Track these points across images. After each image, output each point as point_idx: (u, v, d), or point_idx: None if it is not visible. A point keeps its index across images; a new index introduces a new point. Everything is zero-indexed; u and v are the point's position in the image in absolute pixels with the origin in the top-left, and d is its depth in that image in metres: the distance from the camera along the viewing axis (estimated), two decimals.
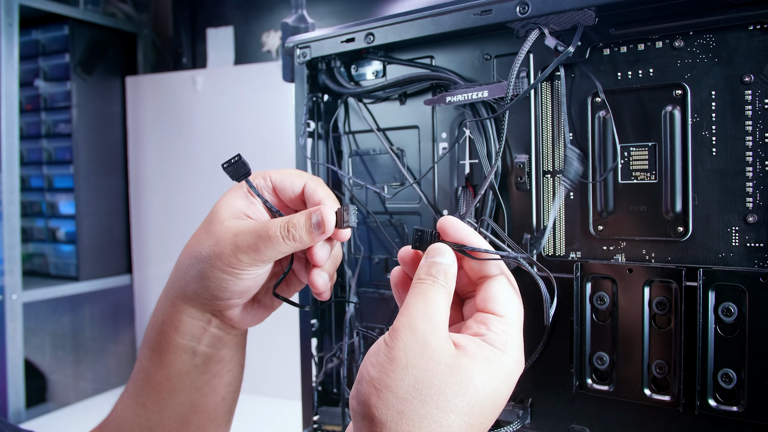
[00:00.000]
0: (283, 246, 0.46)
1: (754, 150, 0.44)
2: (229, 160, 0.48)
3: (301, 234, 0.46)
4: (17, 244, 1.53)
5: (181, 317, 0.50)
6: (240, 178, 0.49)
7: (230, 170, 0.49)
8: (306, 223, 0.46)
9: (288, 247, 0.46)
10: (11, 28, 1.49)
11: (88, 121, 1.77)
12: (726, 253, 0.45)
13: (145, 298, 1.87)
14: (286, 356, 1.43)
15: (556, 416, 0.53)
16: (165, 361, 0.51)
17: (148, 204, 1.84)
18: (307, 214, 0.47)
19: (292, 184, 0.51)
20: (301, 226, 0.46)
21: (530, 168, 0.53)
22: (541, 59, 0.52)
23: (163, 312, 0.52)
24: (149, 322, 0.53)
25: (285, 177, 0.51)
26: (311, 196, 0.50)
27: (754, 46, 0.43)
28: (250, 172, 0.49)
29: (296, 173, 0.52)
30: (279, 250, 0.46)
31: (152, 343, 0.52)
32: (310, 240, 0.46)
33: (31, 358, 1.96)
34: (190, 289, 0.49)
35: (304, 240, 0.46)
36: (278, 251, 0.46)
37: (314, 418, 0.66)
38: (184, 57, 1.88)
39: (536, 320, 0.54)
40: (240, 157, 0.48)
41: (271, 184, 0.51)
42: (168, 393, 0.52)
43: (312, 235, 0.46)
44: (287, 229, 0.46)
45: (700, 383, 0.45)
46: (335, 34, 0.61)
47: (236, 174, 0.49)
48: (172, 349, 0.51)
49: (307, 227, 0.46)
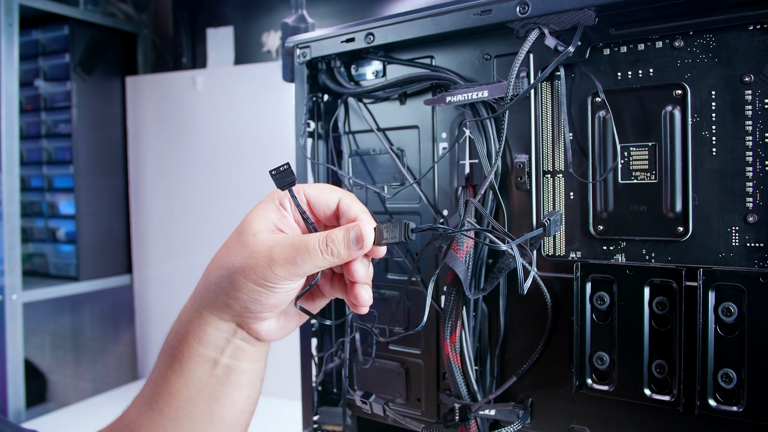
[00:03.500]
0: (321, 260, 0.46)
1: (754, 150, 0.44)
2: (278, 167, 0.48)
3: (339, 249, 0.46)
4: (17, 244, 1.53)
5: (206, 328, 0.50)
6: (285, 186, 0.48)
7: (278, 177, 0.48)
8: (345, 238, 0.46)
9: (326, 261, 0.46)
10: (11, 28, 1.49)
11: (88, 121, 1.77)
12: (726, 253, 0.45)
13: (145, 298, 1.87)
14: (286, 356, 1.42)
15: (556, 416, 0.53)
16: (185, 369, 0.51)
17: (148, 204, 1.84)
18: (345, 229, 0.47)
19: (327, 199, 0.51)
20: (340, 240, 0.46)
21: (530, 168, 0.53)
22: (541, 59, 0.52)
23: (187, 321, 0.51)
24: (171, 330, 0.53)
25: (320, 192, 0.51)
26: (346, 211, 0.50)
27: (754, 46, 0.43)
28: (295, 182, 0.48)
29: (330, 188, 0.51)
30: (316, 264, 0.46)
31: (173, 351, 0.52)
32: (347, 255, 0.46)
33: (31, 358, 1.96)
34: (220, 300, 0.49)
35: (342, 255, 0.46)
36: (315, 265, 0.46)
37: (314, 418, 0.66)
38: (184, 57, 1.88)
39: (537, 320, 0.54)
40: (289, 165, 0.48)
41: (305, 198, 0.51)
42: (186, 402, 0.51)
43: (350, 250, 0.46)
44: (326, 243, 0.46)
45: (700, 383, 0.45)
46: (335, 34, 0.61)
47: (282, 182, 0.48)
48: (194, 358, 0.51)
49: (346, 242, 0.46)
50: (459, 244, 0.55)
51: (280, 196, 0.50)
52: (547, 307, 0.52)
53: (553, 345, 0.53)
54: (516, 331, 0.56)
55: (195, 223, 1.74)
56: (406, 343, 0.63)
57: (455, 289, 0.56)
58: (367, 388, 0.65)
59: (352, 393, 0.64)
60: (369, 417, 0.64)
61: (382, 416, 0.63)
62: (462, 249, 0.55)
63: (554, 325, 0.53)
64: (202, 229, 1.73)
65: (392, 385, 0.63)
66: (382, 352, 0.64)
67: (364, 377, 0.65)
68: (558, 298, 0.53)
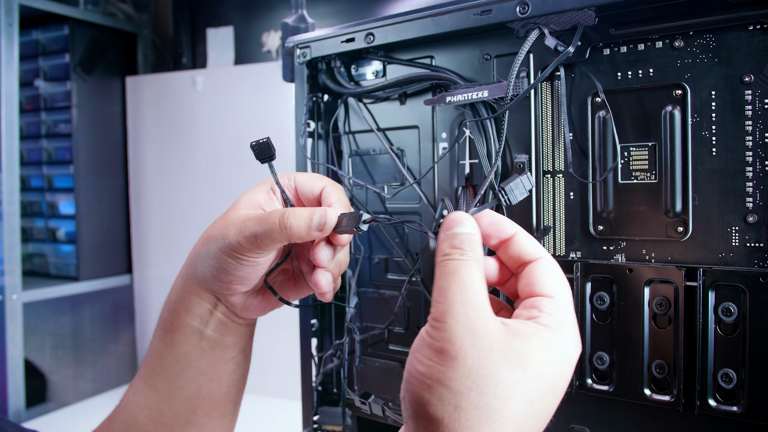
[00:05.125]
0: (278, 234, 0.46)
1: (754, 150, 0.44)
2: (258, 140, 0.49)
3: (298, 225, 0.46)
4: (17, 244, 1.53)
5: (191, 296, 0.52)
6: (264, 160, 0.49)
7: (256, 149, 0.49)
8: (308, 218, 0.47)
9: (281, 236, 0.46)
10: (11, 28, 1.49)
11: (88, 121, 1.77)
12: (726, 253, 0.45)
13: (145, 298, 1.87)
14: (286, 356, 1.43)
15: (556, 416, 0.53)
16: (175, 340, 0.53)
17: (148, 204, 1.84)
18: (311, 210, 0.47)
19: (312, 186, 0.52)
20: (300, 217, 0.46)
21: (530, 168, 0.53)
22: (541, 59, 0.52)
23: (176, 291, 0.53)
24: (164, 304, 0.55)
25: (307, 179, 0.53)
26: (326, 198, 0.51)
27: (754, 46, 0.43)
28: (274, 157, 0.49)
29: (318, 177, 0.53)
30: (273, 237, 0.46)
31: (165, 324, 0.54)
32: (306, 234, 0.47)
33: (31, 358, 1.96)
34: (198, 269, 0.51)
35: (300, 232, 0.46)
36: (273, 238, 0.47)
37: (314, 418, 0.66)
38: (184, 57, 1.88)
39: None
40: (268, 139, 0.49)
41: (294, 184, 0.53)
42: (176, 375, 0.53)
43: (309, 230, 0.47)
44: (285, 217, 0.46)
45: (700, 383, 0.45)
46: (335, 34, 0.61)
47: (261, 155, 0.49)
48: (182, 329, 0.52)
49: (307, 222, 0.46)
50: None
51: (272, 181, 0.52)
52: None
53: None
54: None
55: (195, 223, 1.74)
56: (406, 343, 0.63)
57: None
58: (367, 388, 0.65)
59: (351, 393, 0.64)
60: (369, 417, 0.64)
61: (381, 416, 0.63)
62: None
63: None
64: (202, 229, 1.72)
65: (392, 385, 0.63)
66: (383, 352, 0.64)
67: (363, 377, 0.65)
68: None
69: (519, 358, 0.34)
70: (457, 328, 0.34)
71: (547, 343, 0.35)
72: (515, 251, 0.41)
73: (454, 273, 0.36)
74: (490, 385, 0.33)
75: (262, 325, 0.58)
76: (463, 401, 0.33)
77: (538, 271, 0.40)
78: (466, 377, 0.33)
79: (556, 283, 0.39)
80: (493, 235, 0.42)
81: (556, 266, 0.40)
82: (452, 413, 0.32)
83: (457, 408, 0.33)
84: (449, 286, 0.36)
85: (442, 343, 0.34)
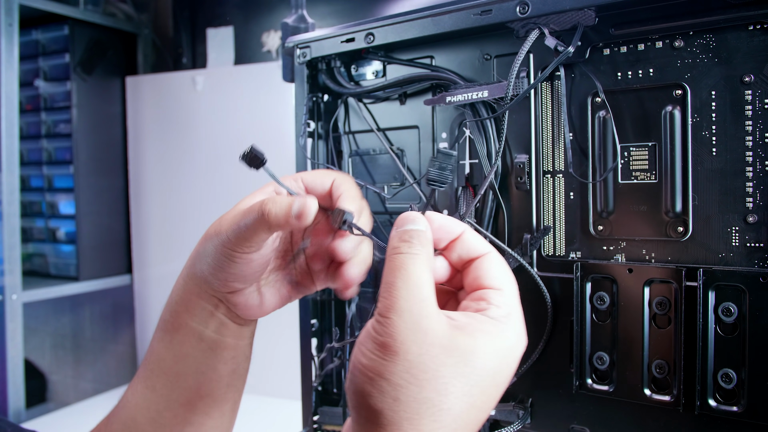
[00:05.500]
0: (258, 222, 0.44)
1: (754, 150, 0.44)
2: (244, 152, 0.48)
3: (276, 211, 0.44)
4: (17, 244, 1.53)
5: (191, 297, 0.51)
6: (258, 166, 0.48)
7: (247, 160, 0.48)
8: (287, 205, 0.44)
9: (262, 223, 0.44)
10: (11, 28, 1.49)
11: (88, 121, 1.77)
12: (726, 253, 0.45)
13: (145, 298, 1.87)
14: (286, 356, 1.43)
15: (556, 416, 0.53)
16: (174, 341, 0.52)
17: (148, 204, 1.84)
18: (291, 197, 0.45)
19: (323, 182, 0.50)
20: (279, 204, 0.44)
21: (530, 168, 0.53)
22: (541, 59, 0.52)
23: (177, 292, 0.53)
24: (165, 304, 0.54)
25: (315, 176, 0.51)
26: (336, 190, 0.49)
27: (754, 46, 0.43)
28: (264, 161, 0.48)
29: (326, 172, 0.51)
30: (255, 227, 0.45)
31: (165, 325, 0.53)
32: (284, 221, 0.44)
33: (31, 358, 1.96)
34: (198, 268, 0.50)
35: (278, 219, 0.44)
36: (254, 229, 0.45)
37: (314, 418, 0.66)
38: (184, 57, 1.88)
39: (536, 321, 0.54)
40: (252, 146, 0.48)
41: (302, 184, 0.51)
42: (175, 376, 0.53)
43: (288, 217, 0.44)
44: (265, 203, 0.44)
45: (700, 383, 0.45)
46: (335, 34, 0.61)
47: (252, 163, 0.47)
48: (182, 329, 0.52)
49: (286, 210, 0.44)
50: None
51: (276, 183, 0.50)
52: (547, 307, 0.52)
53: (553, 345, 0.53)
54: None
55: (195, 223, 1.74)
56: None
57: None
58: None
59: None
60: None
61: None
62: None
63: (554, 325, 0.53)
64: (202, 229, 1.72)
65: None
66: None
67: None
68: (558, 298, 0.53)
69: (461, 353, 0.35)
70: (400, 324, 0.35)
71: (491, 336, 0.36)
72: (464, 249, 0.42)
73: (400, 269, 0.37)
74: (430, 380, 0.34)
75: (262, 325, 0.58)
76: (402, 394, 0.34)
77: (486, 265, 0.41)
78: (407, 371, 0.34)
79: (504, 276, 0.40)
80: (443, 237, 0.42)
81: (503, 261, 0.42)
82: (392, 405, 0.34)
83: (397, 400, 0.34)
84: (395, 282, 0.37)
85: (385, 337, 0.35)
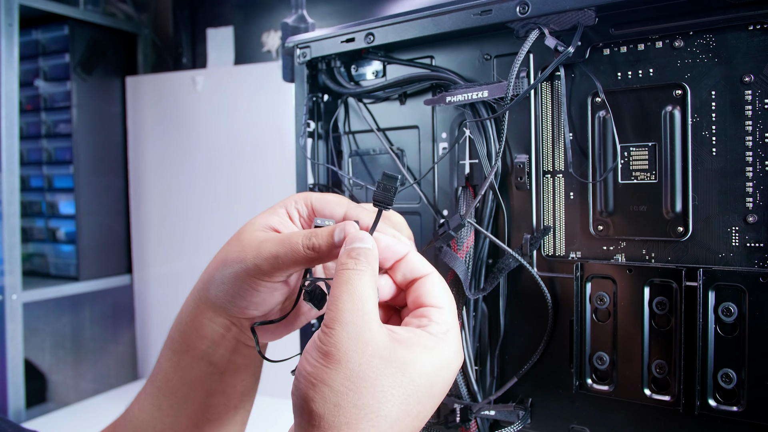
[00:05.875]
0: (302, 256, 0.45)
1: (754, 150, 0.44)
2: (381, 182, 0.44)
3: (320, 243, 0.44)
4: (17, 244, 1.53)
5: (203, 320, 0.50)
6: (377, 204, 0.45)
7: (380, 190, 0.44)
8: (328, 234, 0.45)
9: (306, 257, 0.45)
10: (11, 28, 1.48)
11: (88, 121, 1.77)
12: (726, 253, 0.45)
13: (145, 298, 1.87)
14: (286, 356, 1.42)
15: (556, 416, 0.53)
16: (182, 363, 0.51)
17: (148, 204, 1.84)
18: (331, 228, 0.45)
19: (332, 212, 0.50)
20: (323, 235, 0.45)
21: (530, 168, 0.53)
22: (541, 59, 0.52)
23: (186, 313, 0.52)
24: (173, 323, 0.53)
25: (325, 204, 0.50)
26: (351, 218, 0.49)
27: (754, 46, 0.43)
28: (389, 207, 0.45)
29: (336, 201, 0.50)
30: (296, 259, 0.45)
31: (173, 344, 0.52)
32: (328, 251, 0.45)
33: (31, 358, 1.96)
34: (212, 293, 0.49)
35: (323, 251, 0.45)
36: (295, 259, 0.45)
37: None
38: (184, 57, 1.88)
39: (537, 320, 0.54)
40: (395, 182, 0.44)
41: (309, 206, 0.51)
42: (183, 398, 0.52)
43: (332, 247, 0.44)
44: (310, 238, 0.45)
45: (700, 383, 0.45)
46: (335, 34, 0.61)
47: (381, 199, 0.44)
48: (190, 352, 0.51)
49: (328, 240, 0.45)
50: (459, 244, 0.55)
51: (287, 204, 0.50)
52: (547, 307, 0.52)
53: (553, 345, 0.53)
54: (516, 331, 0.56)
55: (195, 223, 1.74)
56: None
57: (455, 289, 0.56)
58: None
59: None
60: None
61: None
62: (462, 249, 0.55)
63: (554, 325, 0.53)
64: (202, 229, 1.73)
65: None
66: None
67: None
68: (558, 298, 0.53)
69: (400, 364, 0.38)
70: (343, 335, 0.37)
71: (429, 350, 0.39)
72: (408, 269, 0.44)
73: (346, 283, 0.39)
74: (369, 387, 0.37)
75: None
76: (342, 400, 0.36)
77: (428, 285, 0.43)
78: (347, 379, 0.36)
79: (444, 295, 0.43)
80: (389, 257, 0.45)
81: (443, 282, 0.44)
82: (332, 410, 0.36)
83: (337, 406, 0.36)
84: (341, 296, 0.39)
85: (329, 347, 0.37)
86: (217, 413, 0.53)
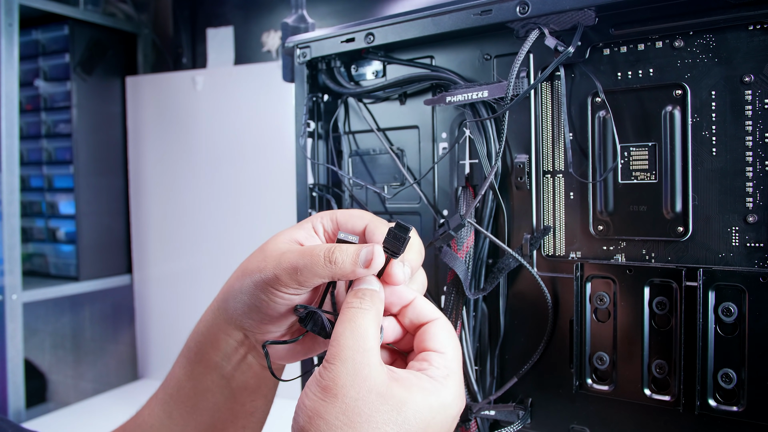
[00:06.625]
0: (322, 268, 0.44)
1: (754, 150, 0.44)
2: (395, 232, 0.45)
3: (344, 259, 0.44)
4: (17, 244, 1.53)
5: (218, 333, 0.50)
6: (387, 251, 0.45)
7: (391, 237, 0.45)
8: (355, 253, 0.44)
9: (326, 270, 0.44)
10: (11, 28, 1.48)
11: (88, 121, 1.77)
12: (726, 253, 0.45)
13: (145, 298, 1.87)
14: None
15: (556, 416, 0.53)
16: (195, 372, 0.51)
17: (148, 204, 1.84)
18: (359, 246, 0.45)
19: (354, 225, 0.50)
20: (347, 253, 0.44)
21: (530, 168, 0.53)
22: (541, 59, 0.52)
23: (204, 323, 0.52)
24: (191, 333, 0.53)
25: (348, 218, 0.50)
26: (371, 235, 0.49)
27: (754, 46, 0.43)
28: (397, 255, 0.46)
29: (359, 214, 0.50)
30: (317, 272, 0.44)
31: (189, 353, 0.52)
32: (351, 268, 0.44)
33: (31, 358, 1.96)
34: (230, 305, 0.49)
35: (345, 267, 0.44)
36: (316, 273, 0.44)
37: None
38: (184, 57, 1.88)
39: (537, 320, 0.54)
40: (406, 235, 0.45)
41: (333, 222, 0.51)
42: (192, 407, 0.52)
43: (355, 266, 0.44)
44: (332, 251, 0.44)
45: (700, 383, 0.45)
46: (335, 34, 0.61)
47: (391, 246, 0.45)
48: (204, 362, 0.51)
49: (354, 257, 0.44)
50: (459, 244, 0.55)
51: (314, 221, 0.50)
52: (547, 307, 0.52)
53: (553, 345, 0.53)
54: (516, 331, 0.56)
55: (195, 223, 1.74)
56: None
57: (455, 289, 0.56)
58: None
59: None
60: None
61: None
62: (462, 249, 0.55)
63: (554, 325, 0.53)
64: (202, 230, 1.73)
65: None
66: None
67: None
68: (558, 298, 0.53)
69: (396, 402, 0.38)
70: (342, 370, 0.39)
71: (426, 392, 0.40)
72: (414, 314, 0.46)
73: (350, 321, 0.41)
74: (363, 423, 0.37)
75: None
76: None
77: (434, 330, 0.44)
78: (343, 413, 0.37)
79: (448, 341, 0.44)
80: (395, 302, 0.46)
81: (450, 326, 0.45)
82: None
83: None
84: (344, 332, 0.40)
85: (327, 381, 0.38)
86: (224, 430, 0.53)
